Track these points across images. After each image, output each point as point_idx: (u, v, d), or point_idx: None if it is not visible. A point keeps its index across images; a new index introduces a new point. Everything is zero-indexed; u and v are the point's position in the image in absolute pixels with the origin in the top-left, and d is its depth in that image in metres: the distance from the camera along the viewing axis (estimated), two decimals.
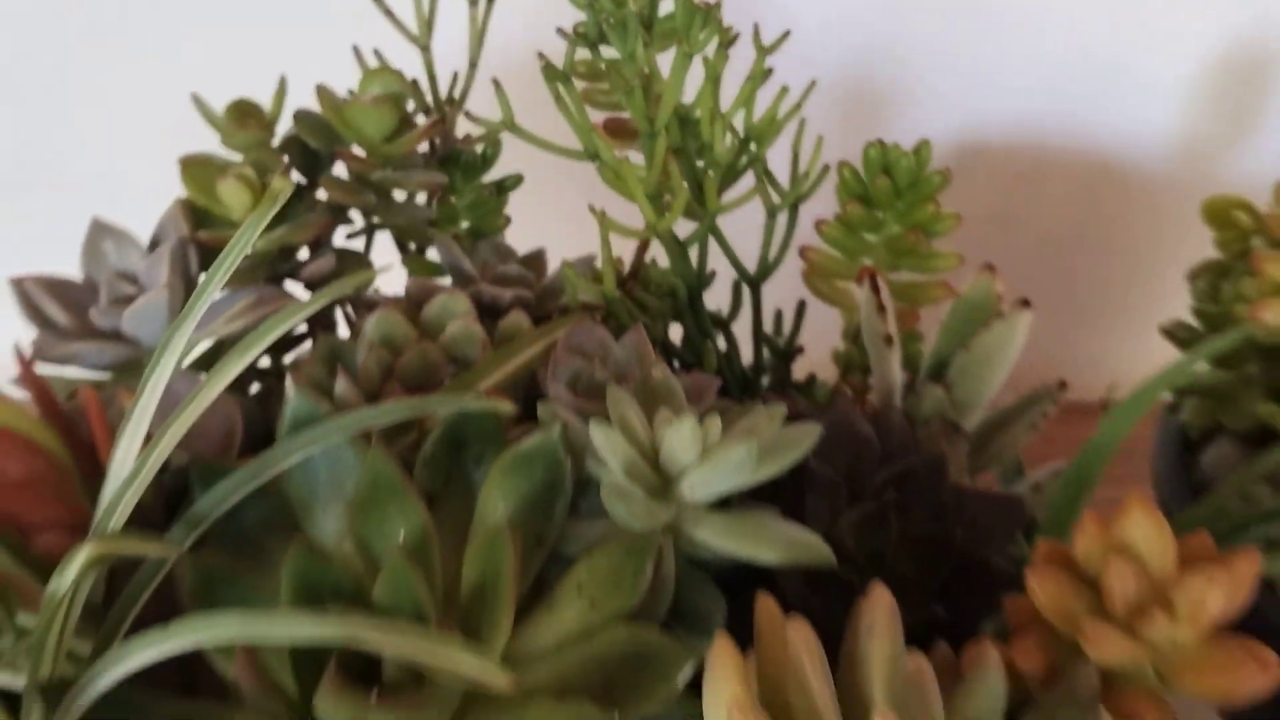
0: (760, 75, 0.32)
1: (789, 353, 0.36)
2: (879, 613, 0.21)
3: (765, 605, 0.21)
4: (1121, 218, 0.53)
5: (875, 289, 0.30)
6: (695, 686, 0.21)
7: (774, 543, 0.24)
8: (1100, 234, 0.53)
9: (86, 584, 0.23)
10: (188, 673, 0.26)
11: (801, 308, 0.36)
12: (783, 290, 0.36)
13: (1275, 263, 0.31)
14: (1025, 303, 0.29)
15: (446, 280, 0.34)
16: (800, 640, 0.20)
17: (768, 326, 0.36)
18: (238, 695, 0.25)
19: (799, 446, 0.25)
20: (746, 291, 0.35)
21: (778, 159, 0.34)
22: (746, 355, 0.36)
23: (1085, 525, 0.22)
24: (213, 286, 0.23)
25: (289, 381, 0.25)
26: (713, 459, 0.23)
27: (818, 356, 0.37)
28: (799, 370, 0.37)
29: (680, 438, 0.23)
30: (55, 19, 0.48)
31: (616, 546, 0.24)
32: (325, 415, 0.25)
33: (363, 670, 0.22)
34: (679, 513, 0.24)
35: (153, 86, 0.42)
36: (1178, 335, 0.36)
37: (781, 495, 0.26)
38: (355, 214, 0.35)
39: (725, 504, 0.25)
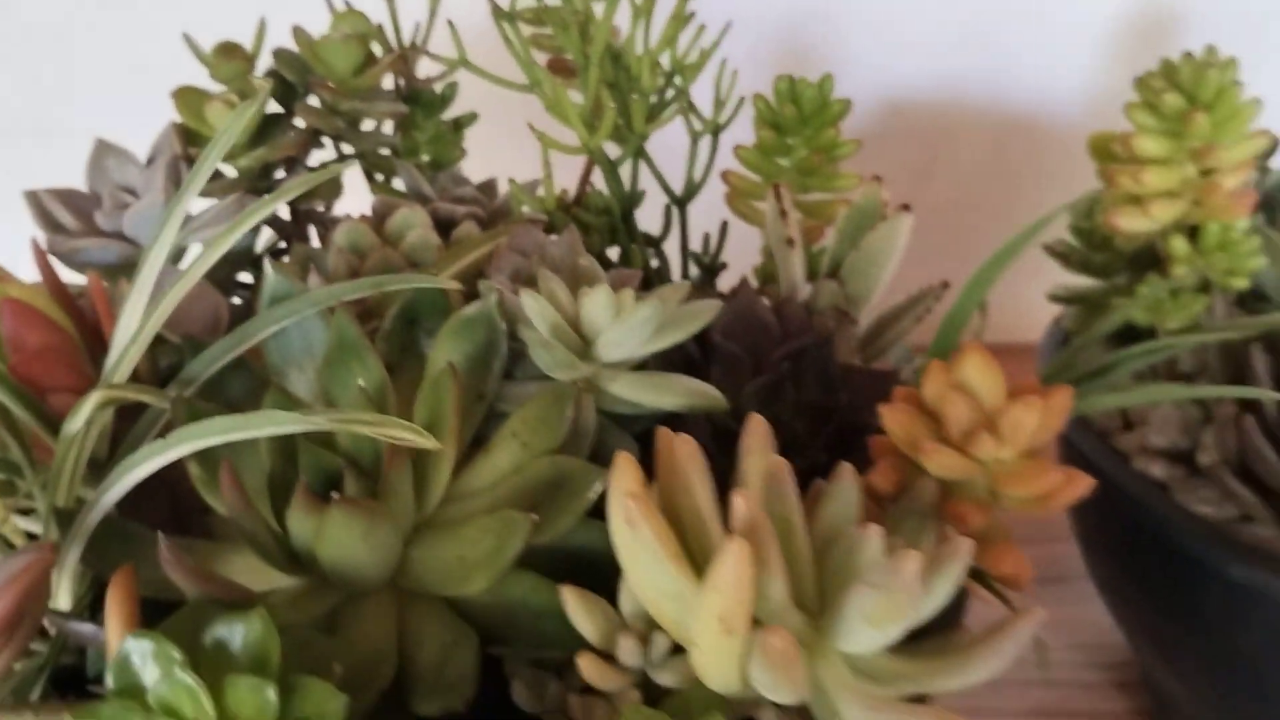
0: (682, 17, 0.37)
1: (714, 268, 0.40)
2: (754, 436, 0.26)
3: (662, 431, 0.25)
4: (1038, 166, 0.58)
5: (778, 198, 0.35)
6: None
7: (676, 392, 0.28)
8: (1017, 183, 0.58)
9: (95, 427, 0.28)
10: (180, 522, 0.30)
11: (724, 228, 0.40)
12: (710, 212, 0.40)
13: (1126, 175, 0.35)
14: (905, 207, 0.34)
15: None
16: (685, 451, 0.25)
17: (696, 246, 0.41)
18: (223, 532, 0.29)
19: (701, 317, 0.29)
20: (676, 215, 0.40)
21: (704, 96, 0.39)
22: (676, 273, 0.41)
23: (931, 370, 0.27)
24: (200, 176, 0.27)
25: (267, 266, 0.29)
26: (624, 320, 0.28)
27: (741, 271, 0.41)
28: (724, 285, 0.41)
29: (597, 303, 0.28)
30: None
31: (544, 395, 0.28)
32: (300, 291, 0.29)
33: (327, 495, 0.26)
34: (598, 371, 0.29)
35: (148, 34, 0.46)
36: (1058, 251, 0.41)
37: (694, 369, 0.31)
38: (329, 145, 0.40)
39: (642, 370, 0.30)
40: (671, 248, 0.40)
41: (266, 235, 0.39)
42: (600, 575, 0.25)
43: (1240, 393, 0.33)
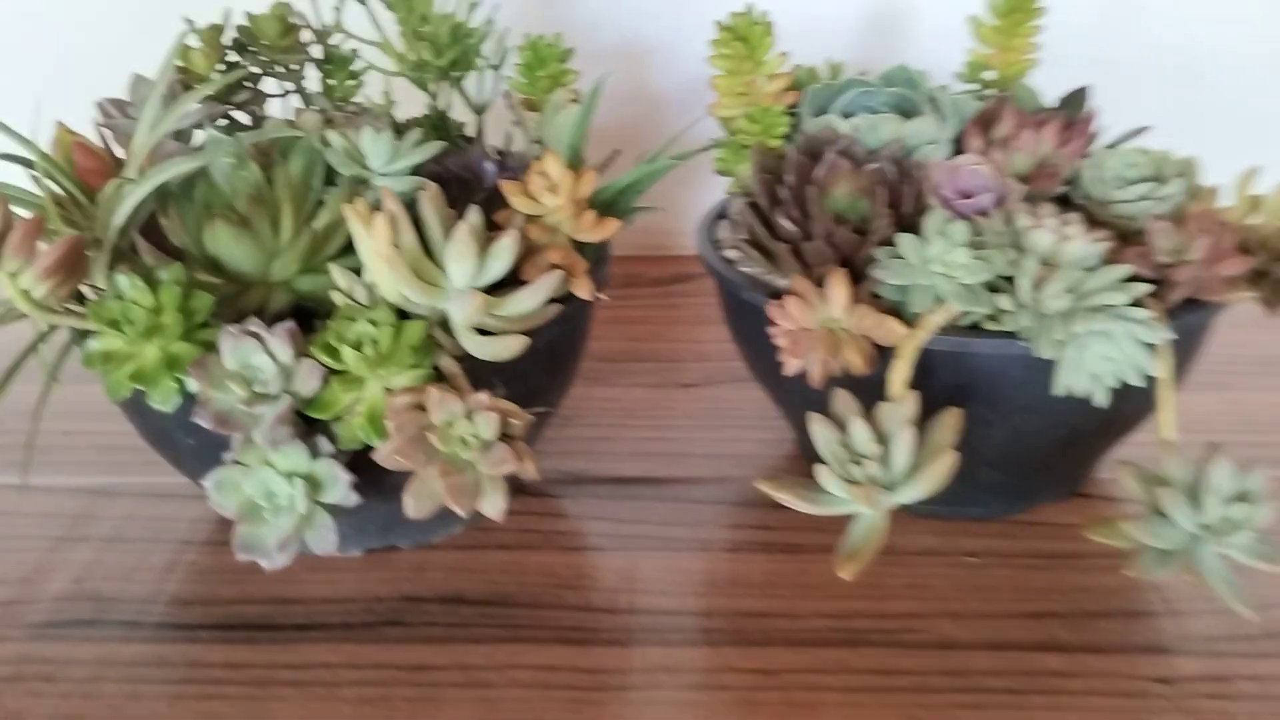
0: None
1: (503, 151, 0.66)
2: (430, 189, 0.51)
3: (385, 192, 0.51)
4: None
5: (510, 104, 0.60)
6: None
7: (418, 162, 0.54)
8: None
9: (113, 199, 0.54)
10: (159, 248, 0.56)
11: (509, 139, 0.66)
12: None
13: (724, 82, 0.60)
14: (574, 100, 0.59)
15: None
16: (392, 208, 0.50)
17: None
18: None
19: (430, 149, 0.55)
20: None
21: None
22: None
23: (533, 165, 0.52)
24: (189, 98, 0.54)
25: (207, 127, 0.55)
26: (385, 139, 0.53)
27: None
28: None
29: (375, 136, 0.53)
30: None
31: (343, 184, 0.54)
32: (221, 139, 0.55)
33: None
34: (374, 176, 0.54)
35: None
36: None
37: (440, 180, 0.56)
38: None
39: None
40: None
41: None
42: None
43: None
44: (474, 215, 0.49)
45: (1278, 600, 0.53)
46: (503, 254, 0.49)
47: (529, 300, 0.50)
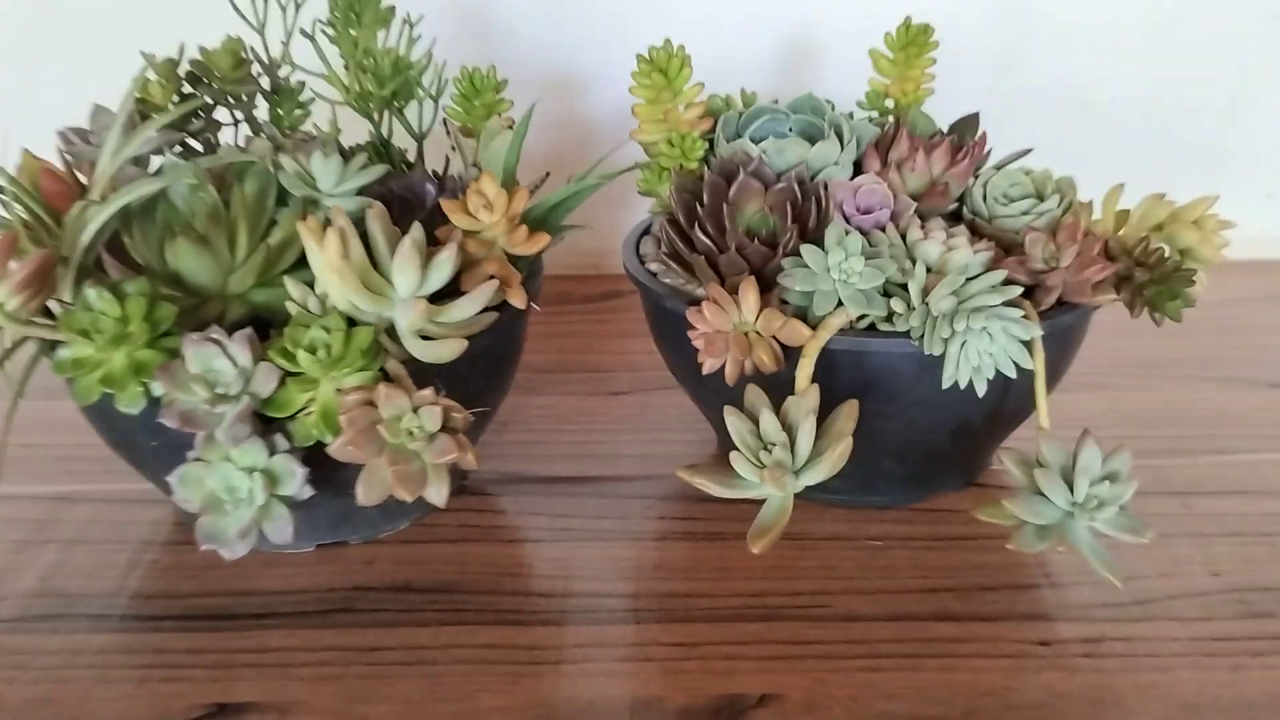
0: (379, 20, 0.67)
1: (440, 174, 0.71)
2: (376, 208, 0.55)
3: (336, 207, 0.55)
4: None
5: (448, 131, 0.65)
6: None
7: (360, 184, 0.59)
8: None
9: (78, 222, 0.58)
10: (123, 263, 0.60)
11: (448, 162, 0.71)
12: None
13: (645, 110, 0.65)
14: (510, 126, 0.64)
15: None
16: (342, 224, 0.55)
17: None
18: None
19: (373, 172, 0.59)
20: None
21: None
22: None
23: (470, 185, 0.57)
24: (148, 126, 0.58)
25: (166, 154, 0.60)
26: (333, 162, 0.58)
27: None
28: None
29: (325, 161, 0.58)
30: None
31: (294, 204, 0.58)
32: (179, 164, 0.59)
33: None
34: (324, 197, 0.59)
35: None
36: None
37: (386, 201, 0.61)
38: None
39: None
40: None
41: None
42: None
43: None
44: (417, 231, 0.54)
45: (1143, 571, 0.60)
46: (443, 265, 0.54)
47: (467, 308, 0.54)
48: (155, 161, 0.64)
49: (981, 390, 0.54)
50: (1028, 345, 0.54)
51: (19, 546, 0.64)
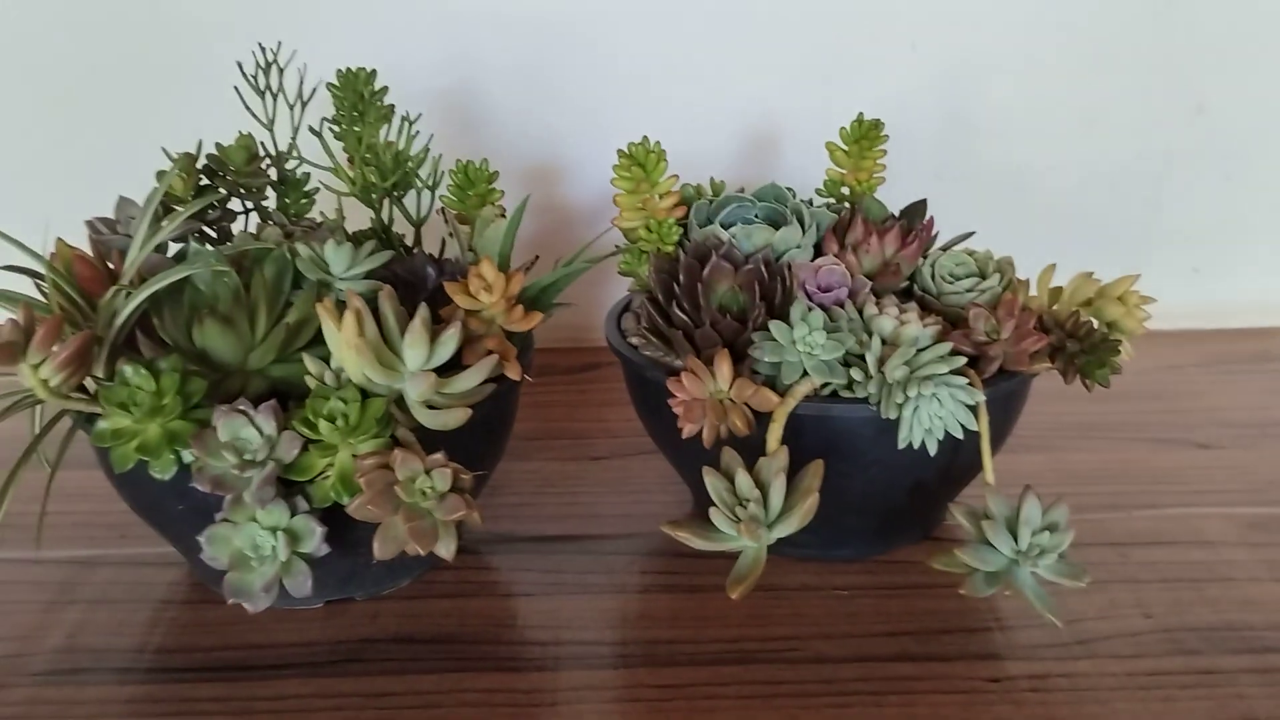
0: (381, 118, 0.74)
1: (438, 257, 0.77)
2: (386, 290, 0.61)
3: (351, 292, 0.61)
4: None
5: (445, 219, 0.71)
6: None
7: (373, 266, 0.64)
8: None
9: (111, 305, 0.63)
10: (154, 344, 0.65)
11: (444, 244, 0.77)
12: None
13: (625, 199, 0.72)
14: (502, 215, 0.70)
15: None
16: (358, 306, 0.61)
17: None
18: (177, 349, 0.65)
19: (380, 257, 0.65)
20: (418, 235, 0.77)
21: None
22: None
23: (470, 270, 0.63)
24: (172, 222, 0.64)
25: (191, 245, 0.65)
26: (345, 249, 0.64)
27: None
28: None
29: (337, 248, 0.64)
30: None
31: (309, 288, 0.64)
32: (203, 250, 0.65)
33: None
34: (335, 280, 0.65)
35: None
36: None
37: (393, 282, 0.67)
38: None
39: None
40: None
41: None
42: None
43: None
44: (424, 311, 0.60)
45: (1083, 613, 0.66)
46: (449, 342, 0.60)
47: (471, 380, 0.60)
48: (173, 247, 0.69)
49: (933, 450, 0.61)
50: (973, 409, 0.61)
51: (45, 607, 0.68)
